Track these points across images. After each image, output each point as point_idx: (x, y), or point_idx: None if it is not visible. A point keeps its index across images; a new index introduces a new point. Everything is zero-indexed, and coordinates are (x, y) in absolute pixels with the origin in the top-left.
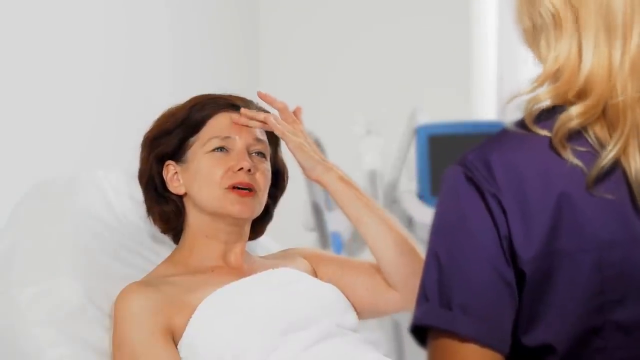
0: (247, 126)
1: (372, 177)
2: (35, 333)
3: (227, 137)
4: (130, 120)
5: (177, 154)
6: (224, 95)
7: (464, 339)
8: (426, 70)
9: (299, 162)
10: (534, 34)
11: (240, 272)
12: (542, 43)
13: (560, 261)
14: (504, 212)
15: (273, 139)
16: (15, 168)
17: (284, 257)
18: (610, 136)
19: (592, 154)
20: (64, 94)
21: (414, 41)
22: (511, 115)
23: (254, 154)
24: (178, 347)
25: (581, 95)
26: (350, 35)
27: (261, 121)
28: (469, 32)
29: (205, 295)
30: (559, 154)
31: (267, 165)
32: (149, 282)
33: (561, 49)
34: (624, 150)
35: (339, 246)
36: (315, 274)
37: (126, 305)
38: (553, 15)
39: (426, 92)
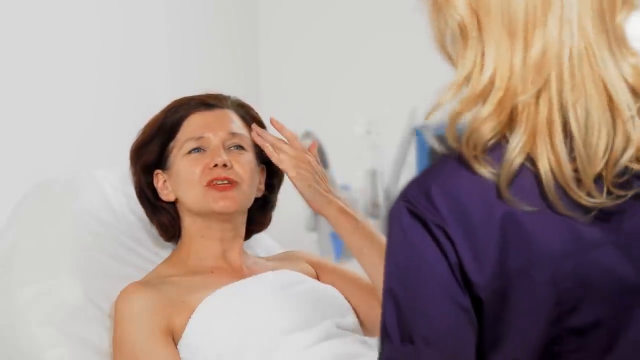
0: (225, 119)
1: (372, 177)
2: (35, 333)
3: (200, 137)
4: (131, 120)
5: (161, 161)
6: (197, 96)
7: None
8: (426, 70)
9: (299, 193)
10: (444, 42)
11: (240, 273)
12: (451, 51)
13: (513, 281)
14: (451, 241)
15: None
16: (15, 168)
17: (286, 259)
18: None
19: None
20: (63, 94)
21: (414, 41)
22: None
23: (232, 148)
24: (178, 347)
25: (485, 97)
26: (350, 35)
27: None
28: None
29: (205, 296)
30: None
31: (247, 157)
32: (149, 282)
33: (468, 57)
34: (531, 151)
35: (338, 246)
36: (318, 279)
37: (126, 306)
38: (459, 24)
39: (426, 92)
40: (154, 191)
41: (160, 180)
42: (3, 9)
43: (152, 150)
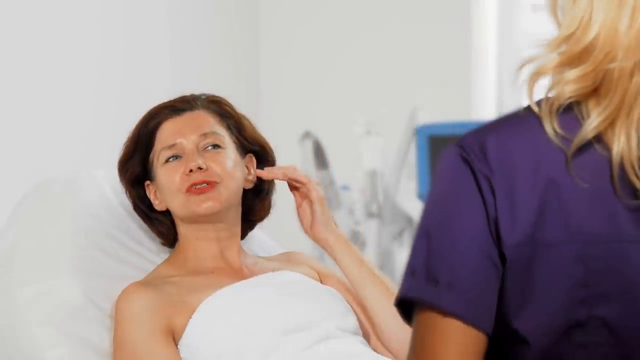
0: (195, 121)
1: (372, 177)
2: (35, 333)
3: (173, 145)
4: (131, 120)
5: (147, 173)
6: (167, 102)
7: (448, 315)
8: (426, 70)
9: (314, 215)
10: (555, 2)
11: (241, 273)
12: (560, 10)
13: (541, 252)
14: (494, 195)
15: (234, 123)
16: (15, 168)
17: (287, 260)
18: (596, 109)
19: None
20: (63, 94)
21: (414, 41)
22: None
23: (208, 148)
24: (178, 347)
25: (582, 59)
26: (351, 35)
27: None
28: (469, 32)
29: (205, 296)
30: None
31: (224, 154)
32: (149, 283)
33: (574, 16)
34: (611, 124)
35: None
36: (321, 282)
37: (127, 306)
38: None
39: (426, 92)
40: (147, 202)
41: (151, 191)
42: (7, 12)
43: (135, 165)
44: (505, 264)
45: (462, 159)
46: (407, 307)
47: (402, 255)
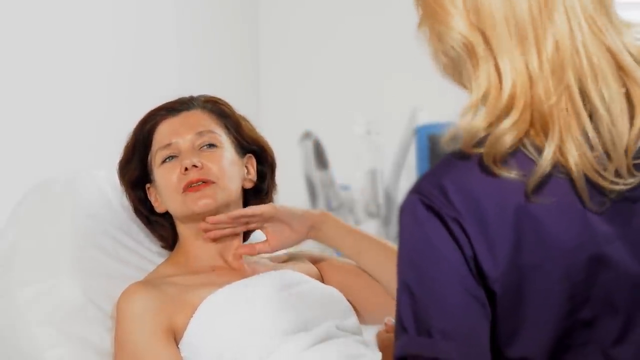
0: (190, 121)
1: (372, 177)
2: (35, 333)
3: (169, 144)
4: (131, 120)
5: (147, 175)
6: (164, 104)
7: None
8: (426, 70)
9: (279, 232)
10: (453, 67)
11: (241, 272)
12: (464, 75)
13: (527, 275)
14: (466, 234)
15: (232, 123)
16: (15, 168)
17: (289, 259)
18: (545, 144)
19: (531, 161)
20: (63, 94)
21: (414, 41)
22: None
23: (204, 148)
24: (179, 346)
25: (508, 110)
26: (351, 35)
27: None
28: None
29: (206, 295)
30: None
31: (220, 153)
32: (150, 282)
33: (481, 76)
34: (560, 149)
35: None
36: (322, 278)
37: (128, 306)
38: (464, 45)
39: (426, 92)
40: (148, 205)
41: (152, 194)
42: (9, 11)
43: (134, 167)
44: (495, 298)
45: (425, 206)
46: None
47: None
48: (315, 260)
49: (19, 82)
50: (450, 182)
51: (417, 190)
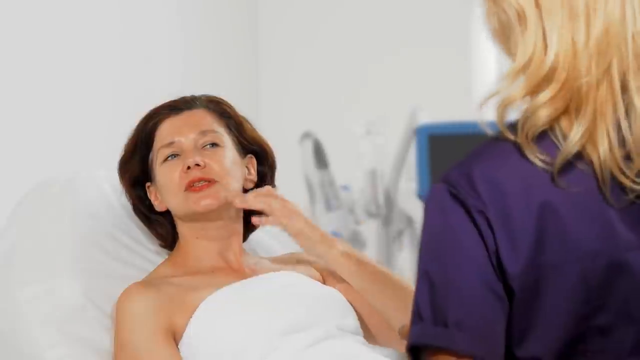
0: (193, 120)
1: (372, 177)
2: (35, 333)
3: (171, 143)
4: (131, 120)
5: (148, 174)
6: (167, 102)
7: (461, 355)
8: (426, 70)
9: (300, 246)
10: (502, 32)
11: (241, 273)
12: (511, 40)
13: (546, 274)
14: (491, 227)
15: (234, 123)
16: (15, 168)
17: (291, 261)
18: (574, 126)
19: (559, 151)
20: (63, 94)
21: (414, 41)
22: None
23: (206, 147)
24: (179, 346)
25: (548, 81)
26: (351, 35)
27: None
28: (469, 32)
29: (206, 295)
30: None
31: (222, 152)
32: (150, 283)
33: (527, 42)
34: (590, 136)
35: None
36: (323, 283)
37: (128, 306)
38: (517, 11)
39: (426, 92)
40: (148, 204)
41: (152, 192)
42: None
43: (134, 165)
44: (513, 295)
45: (452, 195)
46: (417, 350)
47: (401, 256)
48: (318, 269)
49: (19, 82)
50: (479, 173)
51: (445, 179)
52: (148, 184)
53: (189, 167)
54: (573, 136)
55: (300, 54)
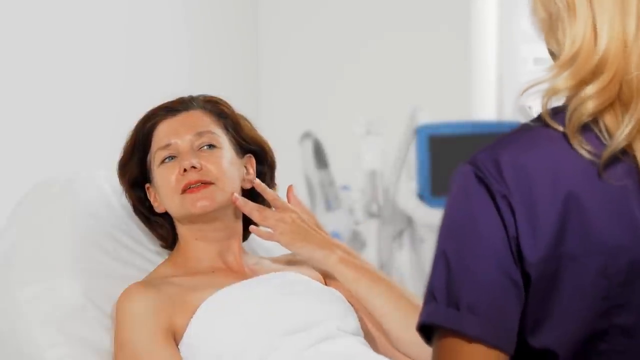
0: (189, 121)
1: (372, 177)
2: (35, 333)
3: (168, 145)
4: (131, 120)
5: (147, 175)
6: (164, 104)
7: (471, 339)
8: (426, 70)
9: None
10: (550, 23)
11: (242, 273)
12: (559, 31)
13: (565, 265)
14: (513, 213)
15: (231, 123)
16: (15, 168)
17: (292, 262)
18: (623, 120)
19: (603, 145)
20: (64, 94)
21: (414, 41)
22: (510, 115)
23: (203, 148)
24: (179, 346)
25: (597, 73)
26: (350, 35)
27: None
28: (469, 32)
29: (206, 296)
30: (570, 147)
31: (219, 154)
32: (150, 283)
33: (576, 33)
34: (638, 131)
35: None
36: (324, 283)
37: (128, 306)
38: (566, 2)
39: (426, 92)
40: (147, 205)
41: (151, 194)
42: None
43: (133, 167)
44: (530, 282)
45: (477, 178)
46: (427, 329)
47: (402, 256)
48: (319, 271)
49: (19, 82)
50: (507, 158)
51: (472, 162)
52: (147, 185)
53: (185, 170)
54: (623, 130)
55: (300, 54)
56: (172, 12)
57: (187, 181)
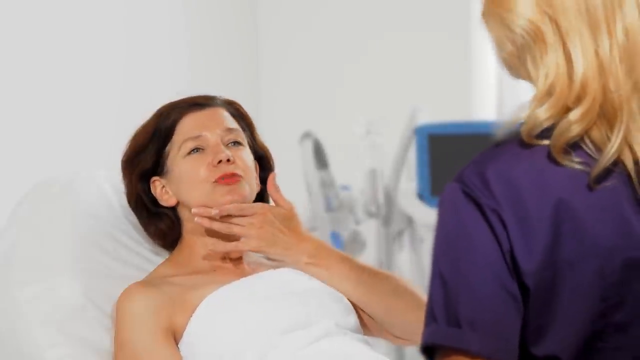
0: (217, 117)
1: (372, 177)
2: (35, 333)
3: (198, 136)
4: (131, 119)
5: (158, 167)
6: (186, 98)
7: (474, 355)
8: (426, 71)
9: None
10: (519, 56)
11: (241, 271)
12: (529, 63)
13: (562, 271)
14: (505, 226)
15: (247, 126)
16: (15, 168)
17: None
18: (611, 134)
19: (592, 159)
20: (64, 94)
21: (414, 41)
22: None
23: (230, 145)
24: (179, 345)
25: (578, 100)
26: (350, 36)
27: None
28: (469, 32)
29: (206, 294)
30: (555, 162)
31: (245, 152)
32: (150, 282)
33: (549, 63)
34: (626, 140)
35: (339, 246)
36: None
37: (128, 306)
38: (533, 32)
39: (426, 92)
40: (152, 199)
41: (158, 187)
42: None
43: (148, 157)
44: (528, 293)
45: (465, 194)
46: (430, 350)
47: (401, 255)
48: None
49: (19, 82)
50: (493, 172)
51: (459, 179)
52: (154, 178)
53: (220, 161)
54: (612, 144)
55: (300, 54)
56: (171, 12)
57: (222, 173)
